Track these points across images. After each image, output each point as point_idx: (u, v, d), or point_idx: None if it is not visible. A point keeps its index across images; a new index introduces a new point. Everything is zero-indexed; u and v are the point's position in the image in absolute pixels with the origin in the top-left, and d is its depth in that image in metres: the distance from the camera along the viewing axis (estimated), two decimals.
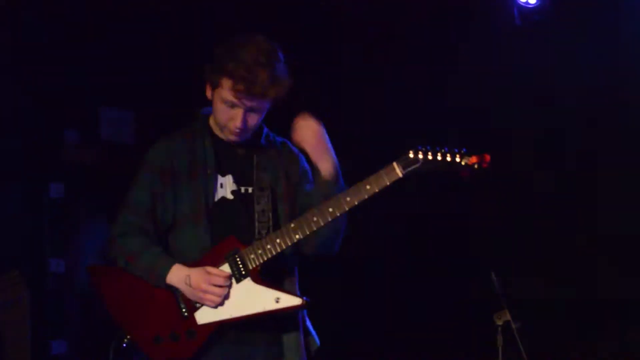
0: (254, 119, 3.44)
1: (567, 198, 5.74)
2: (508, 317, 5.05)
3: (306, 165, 3.60)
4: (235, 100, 3.37)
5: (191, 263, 3.38)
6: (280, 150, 3.61)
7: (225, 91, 3.37)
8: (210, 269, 3.33)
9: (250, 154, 3.55)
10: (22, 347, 5.50)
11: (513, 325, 5.03)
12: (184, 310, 3.36)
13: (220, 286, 3.31)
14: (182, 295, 3.36)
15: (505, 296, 5.14)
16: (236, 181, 3.51)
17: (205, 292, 3.31)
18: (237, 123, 3.41)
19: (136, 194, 3.50)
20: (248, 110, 3.40)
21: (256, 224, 3.43)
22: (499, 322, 5.06)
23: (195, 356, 3.35)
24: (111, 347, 3.46)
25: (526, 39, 5.85)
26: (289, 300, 3.31)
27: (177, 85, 6.29)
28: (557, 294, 5.59)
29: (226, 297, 3.33)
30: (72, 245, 5.93)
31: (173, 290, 3.37)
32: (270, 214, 3.45)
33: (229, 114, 3.42)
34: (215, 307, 3.34)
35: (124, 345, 3.42)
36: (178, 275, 3.35)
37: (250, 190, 3.50)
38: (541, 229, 5.79)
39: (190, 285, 3.32)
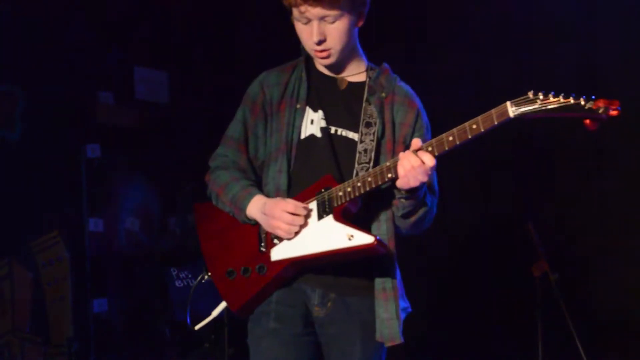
0: (333, 32, 3.13)
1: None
2: (546, 268, 5.03)
3: (425, 121, 3.30)
4: (300, 11, 3.10)
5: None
6: (394, 95, 3.28)
7: (291, 6, 3.12)
8: (288, 199, 3.15)
9: (355, 92, 3.27)
10: (64, 306, 5.58)
11: (551, 277, 5.01)
12: (262, 245, 3.23)
13: (293, 214, 3.11)
14: (263, 230, 3.22)
15: (544, 247, 5.12)
16: (327, 119, 3.25)
17: (278, 219, 3.12)
18: (315, 38, 3.12)
19: (231, 127, 3.37)
20: (321, 21, 3.11)
21: (355, 164, 3.17)
22: (537, 274, 5.05)
23: (262, 293, 3.21)
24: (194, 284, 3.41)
25: None
26: (362, 238, 3.02)
27: (211, 45, 6.28)
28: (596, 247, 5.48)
29: (304, 234, 3.14)
30: (110, 205, 5.98)
31: (257, 226, 3.24)
32: (373, 155, 3.16)
33: (306, 32, 3.14)
34: (292, 242, 3.16)
35: (202, 281, 3.36)
36: (256, 205, 3.20)
37: (340, 131, 3.23)
38: (581, 180, 5.66)
39: (264, 214, 3.16)
